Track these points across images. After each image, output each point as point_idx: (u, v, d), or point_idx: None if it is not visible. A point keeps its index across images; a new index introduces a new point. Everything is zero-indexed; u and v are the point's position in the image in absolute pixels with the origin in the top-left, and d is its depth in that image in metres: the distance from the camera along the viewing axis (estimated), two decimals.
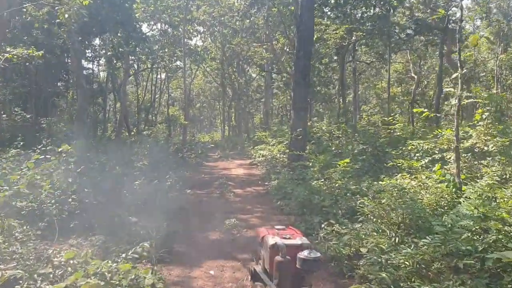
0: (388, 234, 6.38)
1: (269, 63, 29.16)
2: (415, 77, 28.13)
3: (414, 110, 8.16)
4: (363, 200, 7.52)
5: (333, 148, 14.12)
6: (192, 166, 17.59)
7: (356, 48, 26.50)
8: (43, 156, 9.04)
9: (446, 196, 7.59)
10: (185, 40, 26.21)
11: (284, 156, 15.50)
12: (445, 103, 24.91)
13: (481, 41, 29.63)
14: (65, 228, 7.41)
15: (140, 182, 8.82)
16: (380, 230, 6.57)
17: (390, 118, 13.64)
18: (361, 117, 32.06)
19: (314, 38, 16.45)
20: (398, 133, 13.53)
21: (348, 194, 8.52)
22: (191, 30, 28.06)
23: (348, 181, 9.30)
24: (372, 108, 42.00)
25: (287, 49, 23.16)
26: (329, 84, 35.68)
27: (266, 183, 12.89)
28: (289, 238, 3.44)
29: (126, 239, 6.74)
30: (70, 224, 7.55)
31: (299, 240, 3.39)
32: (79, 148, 9.70)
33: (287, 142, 20.48)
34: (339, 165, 8.34)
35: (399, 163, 8.79)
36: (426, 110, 8.17)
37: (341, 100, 34.90)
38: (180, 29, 26.81)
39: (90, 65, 32.36)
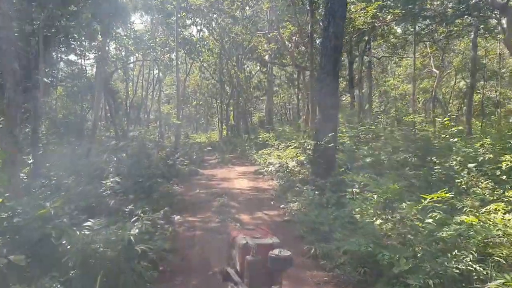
0: None
1: (272, 57, 25.67)
2: (437, 72, 24.78)
3: None
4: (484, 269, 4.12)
5: (367, 158, 10.60)
6: (184, 176, 14.07)
7: (372, 39, 23.10)
8: None
9: None
10: (179, 29, 22.65)
11: (301, 168, 12.02)
12: None
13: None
14: None
15: (94, 223, 5.31)
16: None
17: (446, 119, 10.24)
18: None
19: None
20: (454, 138, 10.07)
21: (433, 244, 5.07)
22: (186, 19, 24.47)
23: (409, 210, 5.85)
24: (377, 107, 38.67)
25: (296, 38, 19.70)
26: None
27: (282, 206, 9.39)
28: (260, 238, 3.21)
29: None
30: None
31: (269, 239, 3.20)
32: (5, 161, 6.17)
33: (296, 145, 17.08)
34: (424, 198, 4.93)
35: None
36: None
37: (348, 97, 31.64)
38: (173, 18, 23.29)
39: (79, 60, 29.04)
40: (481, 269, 4.49)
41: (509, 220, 5.65)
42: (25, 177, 9.75)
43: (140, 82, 32.31)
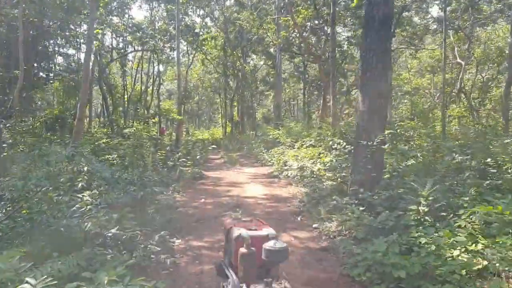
0: None
1: (281, 46, 23.34)
2: (462, 63, 22.46)
3: None
4: None
5: (412, 160, 8.28)
6: (187, 180, 11.87)
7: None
8: None
9: None
10: (180, 16, 20.34)
11: (329, 172, 9.75)
12: None
13: None
14: None
15: (37, 284, 3.12)
16: None
17: None
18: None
19: None
20: None
21: None
22: (188, 5, 22.16)
23: None
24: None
25: (311, 24, 17.41)
26: (344, 74, 29.87)
27: (314, 225, 7.13)
28: (255, 230, 3.07)
29: None
30: None
31: (265, 231, 3.02)
32: None
33: (312, 143, 14.86)
34: None
35: None
36: None
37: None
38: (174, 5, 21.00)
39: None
40: None
41: None
42: None
43: (139, 75, 30.10)
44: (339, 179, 8.59)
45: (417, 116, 24.08)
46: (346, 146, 9.70)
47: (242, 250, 2.83)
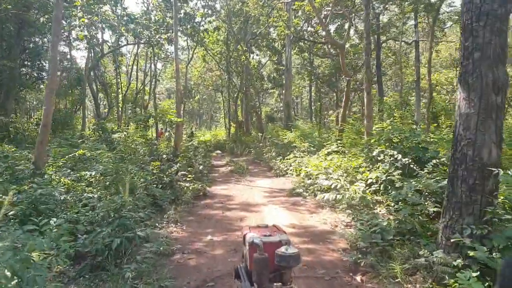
0: None
1: (291, 39, 20.64)
2: None
3: None
4: None
5: None
6: (187, 202, 9.18)
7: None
8: None
9: None
10: (179, 4, 17.62)
11: (374, 193, 7.05)
12: None
13: None
14: None
15: None
16: None
17: None
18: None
19: None
20: None
21: None
22: None
23: None
24: (391, 97, 33.63)
25: (332, 10, 14.65)
26: (355, 68, 27.07)
27: None
28: (269, 236, 3.07)
29: None
30: None
31: (278, 237, 3.05)
32: None
33: (336, 149, 12.20)
34: None
35: None
36: None
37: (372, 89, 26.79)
38: None
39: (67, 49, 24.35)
40: None
41: None
42: None
43: (136, 73, 27.43)
44: (402, 211, 5.87)
45: (437, 115, 21.52)
46: (403, 160, 7.02)
47: (255, 255, 2.77)
